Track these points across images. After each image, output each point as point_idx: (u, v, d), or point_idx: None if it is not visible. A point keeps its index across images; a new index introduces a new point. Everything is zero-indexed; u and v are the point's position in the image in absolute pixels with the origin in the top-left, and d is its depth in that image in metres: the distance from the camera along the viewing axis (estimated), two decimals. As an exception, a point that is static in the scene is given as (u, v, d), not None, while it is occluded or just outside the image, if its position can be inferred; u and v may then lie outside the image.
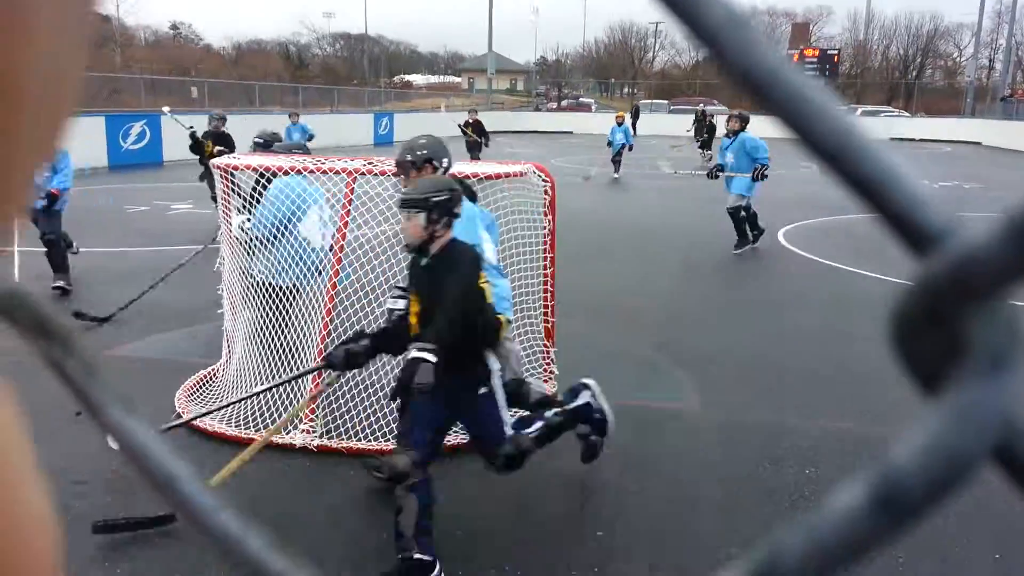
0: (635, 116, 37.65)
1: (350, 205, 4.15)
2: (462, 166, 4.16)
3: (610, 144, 17.39)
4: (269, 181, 4.35)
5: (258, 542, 0.33)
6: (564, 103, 53.43)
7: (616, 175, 17.08)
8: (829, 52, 44.88)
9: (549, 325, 4.45)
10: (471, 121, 16.89)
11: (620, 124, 17.40)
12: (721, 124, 11.97)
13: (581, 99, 53.60)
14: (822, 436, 4.03)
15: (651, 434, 4.03)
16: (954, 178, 18.30)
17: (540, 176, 4.30)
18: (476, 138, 16.42)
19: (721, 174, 9.14)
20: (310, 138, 14.27)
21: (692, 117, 35.79)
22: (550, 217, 4.35)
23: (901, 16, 61.21)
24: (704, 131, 21.88)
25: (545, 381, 4.43)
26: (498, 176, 4.12)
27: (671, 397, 4.61)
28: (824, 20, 63.53)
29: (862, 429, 4.15)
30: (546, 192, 4.32)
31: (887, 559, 2.87)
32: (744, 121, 9.11)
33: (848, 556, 0.19)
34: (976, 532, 3.14)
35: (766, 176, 8.87)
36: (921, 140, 35.35)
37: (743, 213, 8.93)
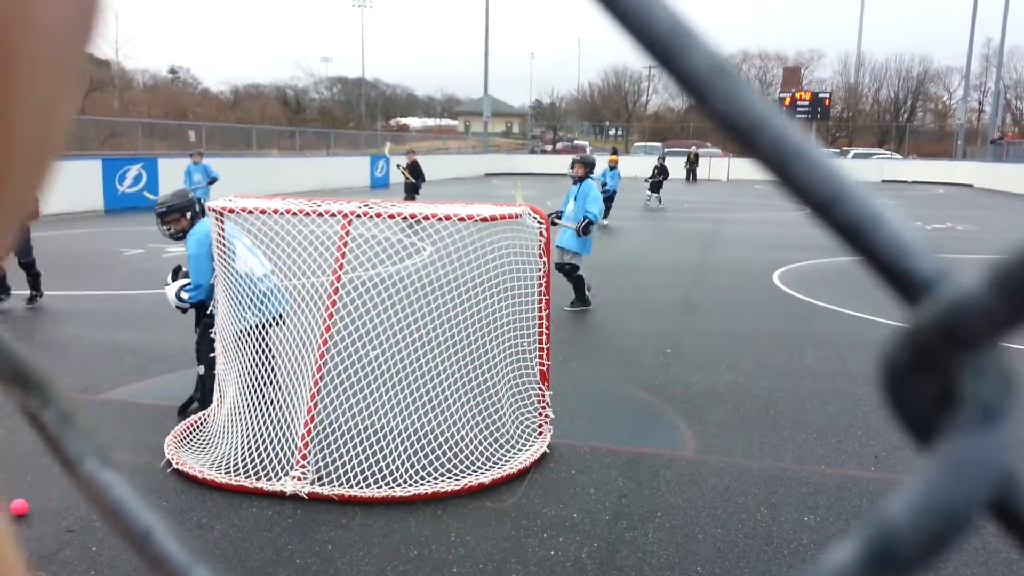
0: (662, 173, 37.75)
1: (345, 248, 4.15)
2: (456, 208, 4.18)
3: (604, 186, 15.95)
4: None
5: None
6: (559, 145, 53.99)
7: (605, 222, 15.56)
8: (820, 95, 45.51)
9: (544, 368, 4.43)
10: (409, 162, 16.78)
11: (613, 168, 16.14)
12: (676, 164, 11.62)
13: (575, 141, 54.18)
14: (821, 482, 3.98)
15: (647, 480, 3.98)
16: (947, 220, 18.45)
17: (535, 218, 4.32)
18: (412, 180, 16.43)
19: (557, 222, 7.76)
20: (213, 180, 14.22)
21: (685, 159, 36.29)
22: (545, 259, 4.36)
23: (891, 59, 62.48)
24: (656, 173, 21.09)
25: (540, 425, 4.39)
26: (493, 218, 4.14)
27: (667, 442, 4.57)
28: (815, 63, 64.73)
29: (862, 474, 4.11)
30: (541, 234, 4.34)
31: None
32: (589, 166, 8.11)
33: None
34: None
35: (589, 232, 7.85)
36: (914, 182, 35.73)
37: (576, 273, 7.88)
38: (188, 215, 4.86)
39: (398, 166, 17.01)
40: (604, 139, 67.43)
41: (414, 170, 16.66)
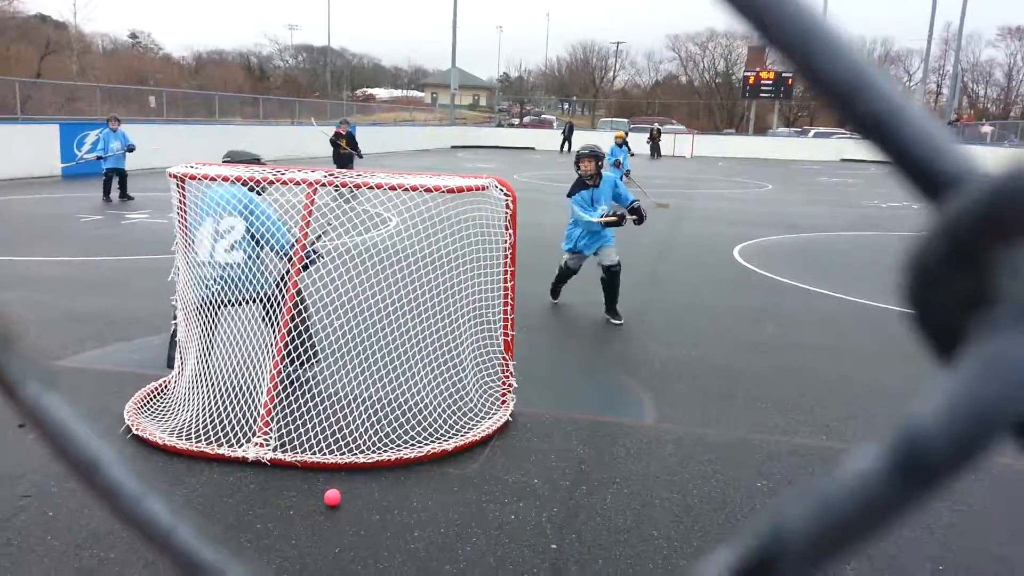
0: (568, 134, 37.68)
1: (310, 217, 4.14)
2: (423, 179, 4.18)
3: (619, 164, 15.27)
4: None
5: (188, 532, 0.30)
6: (526, 119, 53.77)
7: None
8: (784, 75, 45.93)
9: (508, 339, 4.47)
10: (343, 133, 16.14)
11: (620, 145, 15.50)
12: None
13: (543, 116, 54.02)
14: (774, 450, 4.10)
15: (606, 448, 4.06)
16: (902, 199, 18.85)
17: (501, 190, 4.34)
18: (349, 150, 15.84)
19: (605, 220, 6.60)
20: (130, 148, 13.84)
21: (648, 135, 36.46)
22: (511, 231, 4.38)
23: (854, 40, 62.97)
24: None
25: (503, 394, 4.44)
26: (460, 190, 4.15)
27: (627, 412, 4.66)
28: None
29: (813, 442, 4.24)
30: (507, 206, 4.36)
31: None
32: (600, 160, 6.67)
33: (865, 529, 0.17)
34: (920, 543, 3.23)
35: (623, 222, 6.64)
36: (872, 162, 36.31)
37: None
38: None
39: (331, 138, 16.35)
40: (571, 114, 67.32)
41: (351, 141, 16.17)
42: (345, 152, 15.87)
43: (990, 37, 64.72)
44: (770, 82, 44.53)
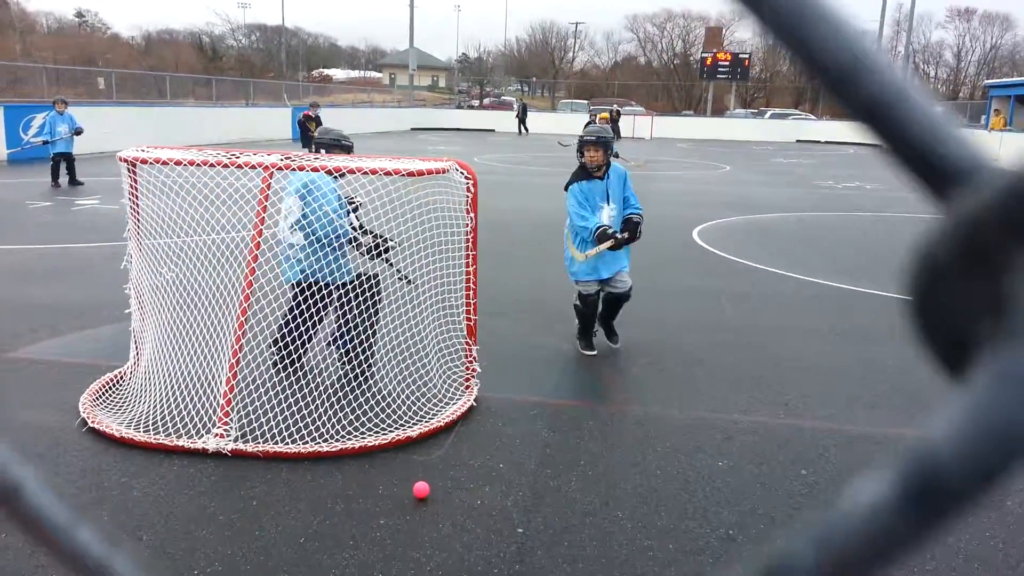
0: (522, 115, 37.55)
1: (267, 202, 4.06)
2: (382, 162, 4.12)
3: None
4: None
5: (125, 565, 0.28)
6: (486, 101, 53.46)
7: None
8: (741, 56, 46.33)
9: (472, 323, 4.46)
10: (312, 115, 16.75)
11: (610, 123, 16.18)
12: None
13: (503, 97, 53.76)
14: (734, 429, 4.17)
15: (570, 431, 4.09)
16: (856, 179, 19.22)
17: (462, 173, 4.30)
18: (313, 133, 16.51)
19: (615, 239, 5.08)
20: (78, 131, 13.53)
21: (608, 116, 36.51)
22: (472, 214, 4.36)
23: (850, 20, 63.83)
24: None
25: (467, 379, 4.44)
26: (420, 173, 4.10)
27: (590, 394, 4.69)
28: (736, 24, 65.66)
29: (772, 421, 4.32)
30: (468, 189, 4.33)
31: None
32: (609, 147, 5.18)
33: (875, 562, 0.16)
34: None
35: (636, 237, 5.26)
36: (827, 142, 36.95)
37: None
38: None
39: (562, 144, 16.95)
40: (531, 95, 67.14)
41: (319, 123, 16.44)
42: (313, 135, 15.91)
43: (940, 19, 66.24)
44: (727, 63, 44.88)
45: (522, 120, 37.08)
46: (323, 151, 4.73)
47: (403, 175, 4.06)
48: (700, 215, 12.15)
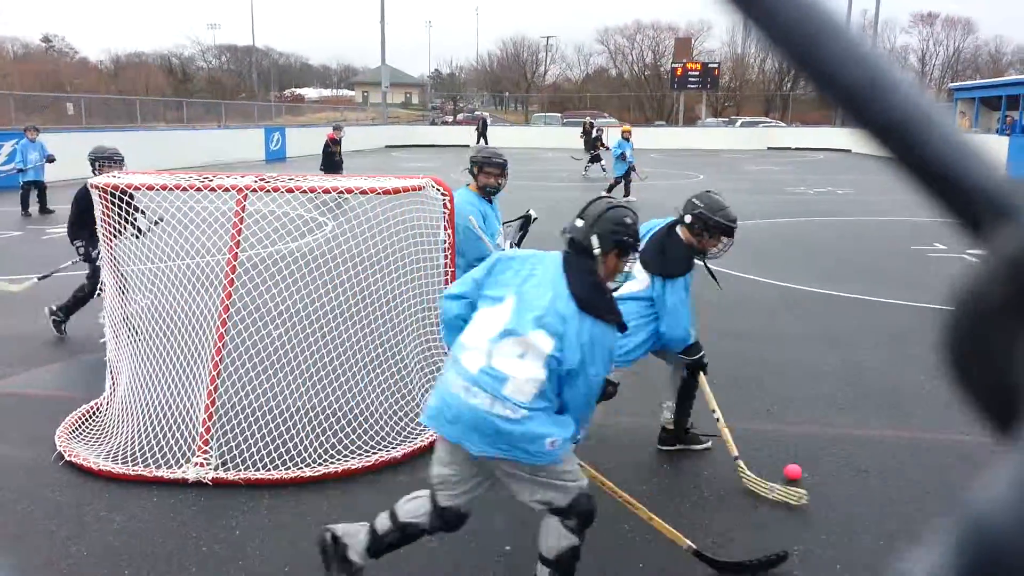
0: (482, 130, 37.41)
1: (242, 225, 4.02)
2: (358, 181, 4.10)
3: (625, 156, 15.45)
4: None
5: None
6: (460, 116, 53.59)
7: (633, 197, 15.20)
8: (710, 65, 46.84)
9: (452, 340, 4.43)
10: (337, 139, 16.33)
11: (627, 139, 15.90)
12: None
13: (477, 112, 53.90)
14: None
15: (557, 443, 4.06)
16: (828, 184, 19.46)
17: (438, 190, 4.29)
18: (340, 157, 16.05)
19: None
20: (50, 159, 13.30)
21: (581, 128, 36.74)
22: (449, 230, 4.34)
23: (867, 37, 64.83)
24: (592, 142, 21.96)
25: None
26: (396, 191, 4.09)
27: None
28: (705, 35, 66.46)
29: (759, 427, 4.32)
30: (445, 205, 4.32)
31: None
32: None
33: None
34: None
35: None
36: (797, 148, 37.40)
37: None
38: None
39: (575, 158, 16.60)
40: (504, 109, 67.43)
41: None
42: (339, 158, 16.01)
43: (904, 24, 67.47)
44: (697, 73, 45.35)
45: (482, 134, 37.07)
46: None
47: (379, 193, 4.05)
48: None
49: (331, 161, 16.08)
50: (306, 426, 3.92)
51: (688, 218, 3.66)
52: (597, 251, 2.54)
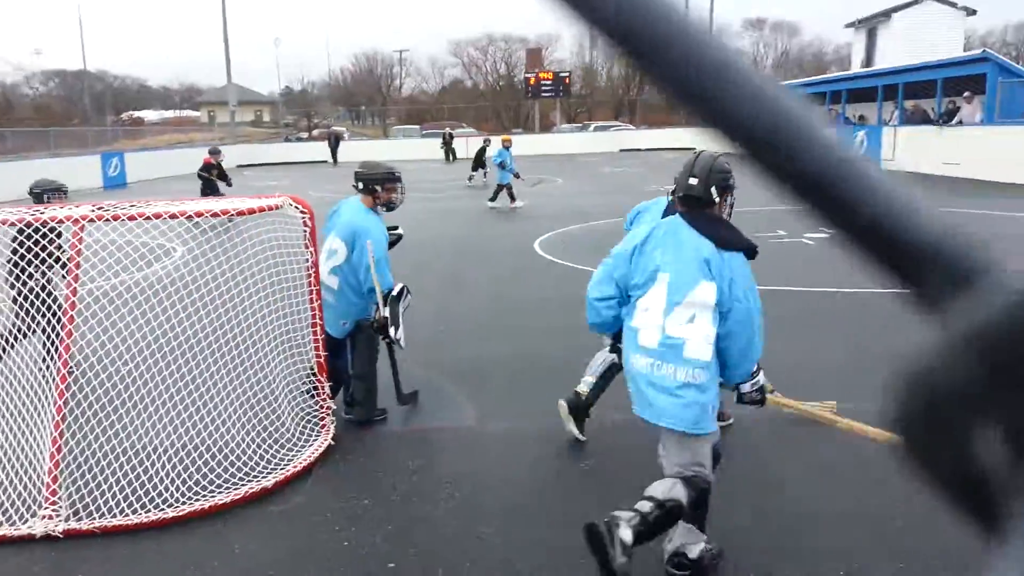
0: (333, 146, 36.85)
1: (80, 256, 3.73)
2: (209, 203, 3.91)
3: (503, 166, 15.97)
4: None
5: None
6: (315, 132, 52.35)
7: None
8: (561, 74, 48.23)
9: (321, 359, 4.30)
10: (213, 163, 15.51)
11: (507, 148, 16.50)
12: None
13: (332, 127, 52.87)
14: (597, 431, 4.27)
15: (434, 456, 4.04)
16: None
17: (297, 208, 4.16)
18: (217, 180, 15.28)
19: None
20: None
21: (441, 139, 36.83)
22: (312, 248, 4.22)
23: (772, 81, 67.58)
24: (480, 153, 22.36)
25: (322, 418, 4.27)
26: (251, 211, 3.93)
27: (450, 416, 4.66)
28: (555, 45, 68.34)
29: (627, 418, 4.46)
30: (305, 224, 4.19)
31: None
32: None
33: None
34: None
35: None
36: (647, 150, 39.11)
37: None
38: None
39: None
40: (361, 124, 66.53)
41: (220, 170, 15.27)
42: (212, 181, 14.94)
43: (736, 28, 71.94)
44: (549, 82, 46.53)
45: (333, 151, 36.47)
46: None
47: (233, 215, 3.88)
48: (540, 227, 12.48)
49: (211, 185, 15.09)
50: (166, 464, 3.68)
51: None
52: (717, 199, 2.90)
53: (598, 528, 2.62)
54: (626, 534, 2.58)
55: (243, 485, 3.65)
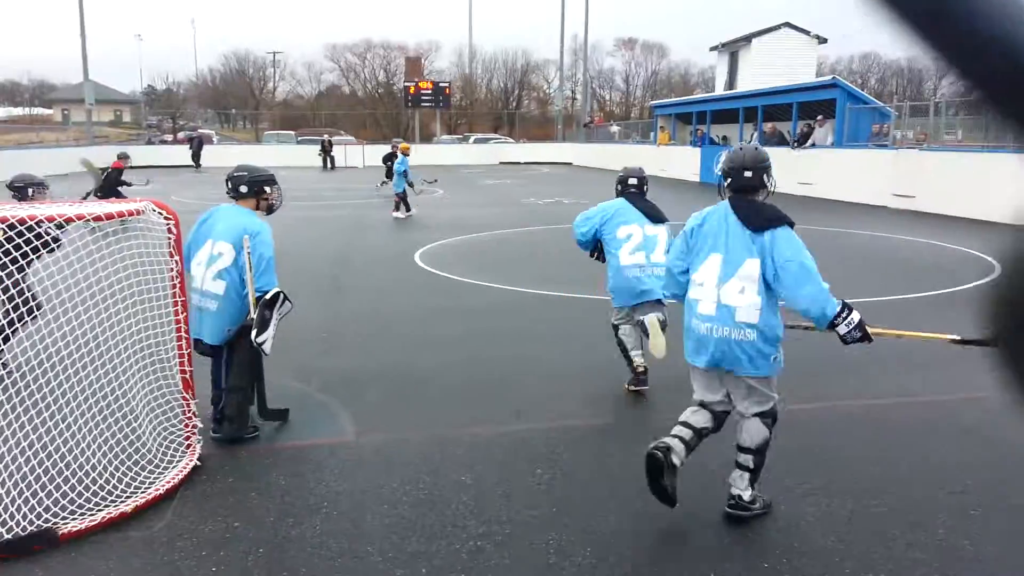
0: (196, 150, 35.75)
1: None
2: (61, 208, 3.63)
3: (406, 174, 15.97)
4: None
5: None
6: (180, 135, 49.86)
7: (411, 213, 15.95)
8: (441, 84, 48.26)
9: (187, 375, 4.07)
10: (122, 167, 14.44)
11: (407, 155, 16.54)
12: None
13: (200, 130, 50.50)
14: (474, 441, 4.27)
15: (310, 473, 3.90)
16: (555, 195, 20.91)
17: (161, 213, 3.93)
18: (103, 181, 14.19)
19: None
20: None
21: (320, 147, 35.97)
22: (176, 257, 4.00)
23: (499, 52, 68.35)
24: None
25: (187, 438, 4.04)
26: (110, 216, 3.67)
27: (327, 430, 4.53)
28: (434, 54, 68.37)
29: (510, 428, 4.50)
30: (169, 231, 3.97)
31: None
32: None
33: None
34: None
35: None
36: (526, 163, 39.76)
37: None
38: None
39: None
40: (232, 127, 64.08)
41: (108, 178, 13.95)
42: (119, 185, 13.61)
43: (609, 47, 74.47)
44: (429, 92, 46.44)
45: (195, 155, 35.04)
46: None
47: (89, 220, 3.61)
48: (420, 238, 12.42)
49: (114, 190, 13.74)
50: (11, 490, 3.37)
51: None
52: (767, 183, 3.47)
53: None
54: (743, 488, 3.38)
55: (99, 510, 3.39)
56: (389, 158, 21.04)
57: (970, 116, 18.06)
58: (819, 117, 21.40)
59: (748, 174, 3.44)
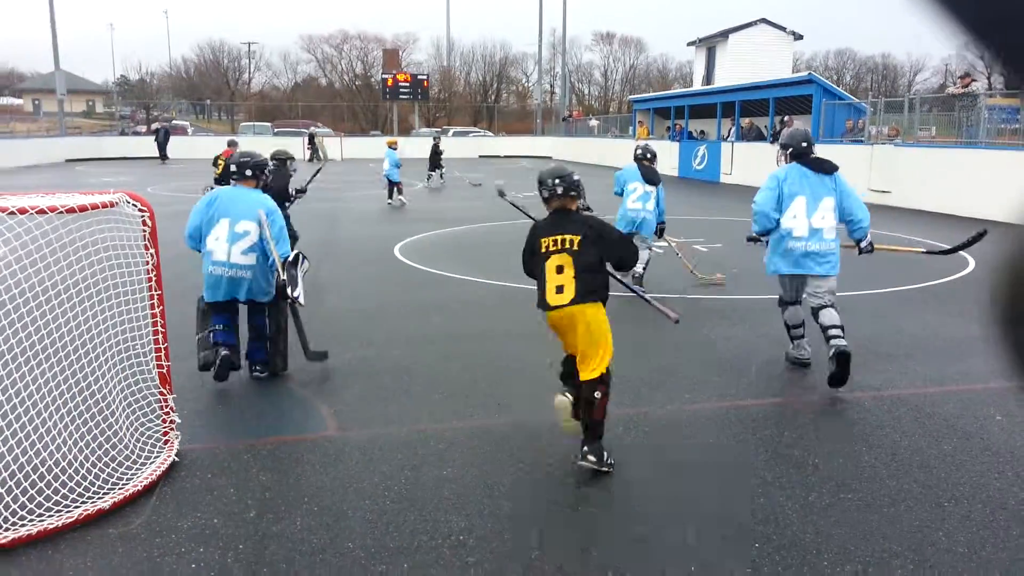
0: (162, 141, 35.20)
1: None
2: (33, 200, 3.56)
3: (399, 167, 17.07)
4: None
5: None
6: (155, 126, 49.27)
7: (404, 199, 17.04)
8: (419, 77, 48.04)
9: (164, 370, 4.03)
10: None
11: (394, 148, 17.36)
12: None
13: (175, 121, 49.86)
14: (454, 436, 4.27)
15: (290, 469, 3.88)
16: (534, 189, 20.87)
17: (135, 205, 3.87)
18: None
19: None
20: None
21: (307, 139, 35.62)
22: (152, 250, 3.94)
23: (477, 45, 68.24)
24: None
25: (165, 433, 4.00)
26: (83, 208, 3.61)
27: (307, 426, 4.50)
28: (412, 47, 68.01)
29: (492, 422, 4.50)
30: (145, 223, 3.91)
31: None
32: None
33: None
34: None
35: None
36: (506, 156, 39.74)
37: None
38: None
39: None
40: (207, 118, 63.38)
41: None
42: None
43: (587, 42, 74.59)
44: (408, 84, 46.23)
45: (162, 146, 34.60)
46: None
47: (61, 212, 3.55)
48: (399, 232, 12.37)
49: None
50: (-16, 489, 3.31)
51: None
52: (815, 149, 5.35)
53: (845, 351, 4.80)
54: (844, 345, 4.83)
55: (76, 507, 3.35)
56: (435, 153, 21.75)
57: (944, 112, 18.32)
58: (787, 118, 21.64)
59: (804, 144, 5.26)
